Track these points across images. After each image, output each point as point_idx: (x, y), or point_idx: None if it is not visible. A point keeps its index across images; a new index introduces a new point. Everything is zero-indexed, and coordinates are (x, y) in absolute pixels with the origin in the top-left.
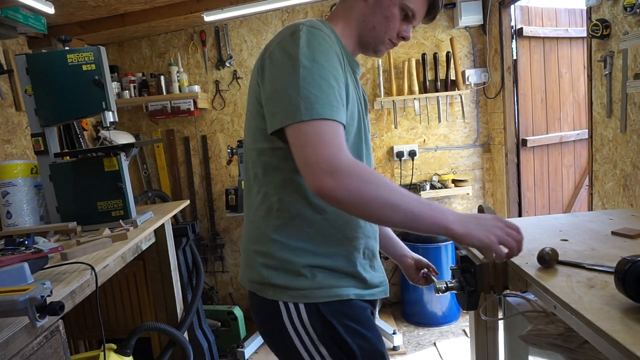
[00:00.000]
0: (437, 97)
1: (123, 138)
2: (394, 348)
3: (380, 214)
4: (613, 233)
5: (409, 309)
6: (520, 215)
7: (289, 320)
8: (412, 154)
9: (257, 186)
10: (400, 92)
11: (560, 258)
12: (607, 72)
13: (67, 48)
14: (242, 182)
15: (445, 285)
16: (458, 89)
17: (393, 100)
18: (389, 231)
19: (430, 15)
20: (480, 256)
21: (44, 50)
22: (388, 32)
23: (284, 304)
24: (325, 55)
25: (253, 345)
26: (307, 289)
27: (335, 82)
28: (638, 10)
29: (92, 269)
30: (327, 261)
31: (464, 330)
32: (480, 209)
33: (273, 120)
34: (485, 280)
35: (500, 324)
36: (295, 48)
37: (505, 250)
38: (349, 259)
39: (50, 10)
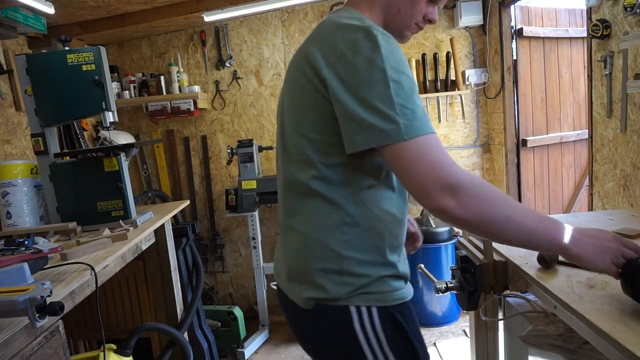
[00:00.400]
0: (437, 97)
1: (123, 138)
2: None
3: (499, 232)
4: None
5: None
6: None
7: (360, 325)
8: None
9: (316, 199)
10: None
11: (560, 258)
12: (607, 72)
13: (67, 48)
14: (281, 189)
15: (445, 286)
16: (458, 89)
17: None
18: None
19: None
20: (481, 256)
21: (44, 51)
22: (414, 15)
23: (355, 308)
24: (405, 63)
25: (253, 345)
26: (379, 292)
27: (417, 91)
28: (638, 11)
29: (92, 269)
30: (394, 270)
31: (464, 331)
32: None
33: (360, 138)
34: (485, 280)
35: (500, 324)
36: (379, 57)
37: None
38: (405, 263)
39: (50, 10)
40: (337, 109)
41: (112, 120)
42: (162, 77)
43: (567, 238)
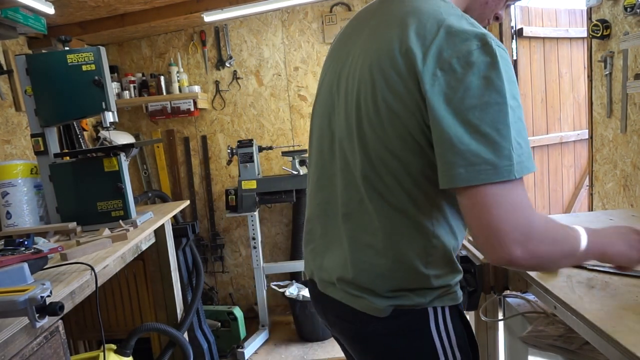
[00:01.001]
0: None
1: (123, 138)
2: None
3: (558, 267)
4: None
5: None
6: None
7: (435, 325)
8: None
9: (396, 217)
10: None
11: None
12: (607, 72)
13: (67, 48)
14: (350, 203)
15: None
16: None
17: None
18: None
19: None
20: (481, 256)
21: (44, 51)
22: (496, 8)
23: (433, 309)
24: (517, 87)
25: (253, 345)
26: (453, 292)
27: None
28: (638, 11)
29: (92, 269)
30: (460, 276)
31: None
32: None
33: (464, 172)
34: (486, 280)
35: (500, 324)
36: (499, 79)
37: None
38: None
39: (50, 10)
40: (435, 133)
41: (112, 120)
42: (162, 77)
43: (607, 248)
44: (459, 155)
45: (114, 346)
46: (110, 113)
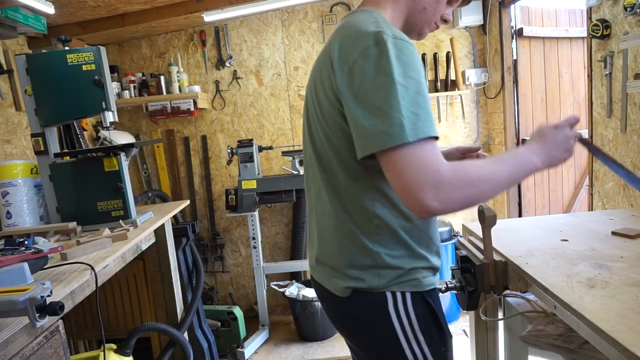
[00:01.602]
0: (437, 97)
1: (123, 138)
2: None
3: (486, 199)
4: (613, 233)
5: None
6: (520, 215)
7: (394, 309)
8: None
9: (342, 200)
10: None
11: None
12: (607, 72)
13: (67, 48)
14: (310, 191)
15: (445, 286)
16: (458, 89)
17: None
18: None
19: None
20: (481, 256)
21: (44, 50)
22: (436, 13)
23: (391, 294)
24: (413, 65)
25: (253, 345)
26: (414, 279)
27: (426, 95)
28: (638, 10)
29: (92, 269)
30: (424, 263)
31: (464, 330)
32: (480, 209)
33: (367, 142)
34: (485, 280)
35: (500, 324)
36: (387, 64)
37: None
38: (437, 255)
39: (50, 10)
40: (347, 117)
41: (112, 120)
42: (162, 77)
43: (537, 163)
44: (362, 129)
45: (114, 346)
46: (110, 113)
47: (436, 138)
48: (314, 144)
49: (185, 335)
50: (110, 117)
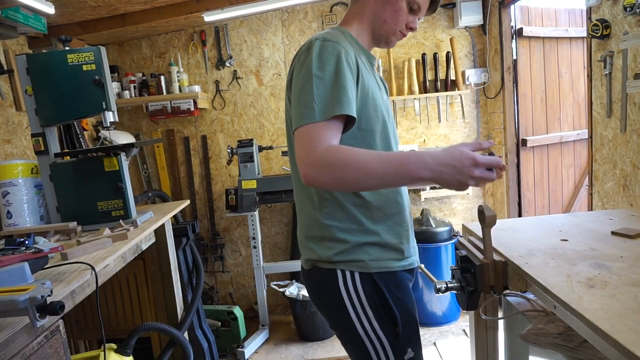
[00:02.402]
0: (437, 97)
1: (123, 138)
2: None
3: (360, 187)
4: (613, 233)
5: None
6: (520, 215)
7: (344, 284)
8: None
9: (300, 179)
10: (400, 92)
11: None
12: (607, 72)
13: (67, 48)
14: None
15: (445, 285)
16: (458, 89)
17: (393, 100)
18: None
19: (432, 7)
20: (481, 256)
21: (44, 50)
22: (398, 24)
23: (341, 271)
24: (332, 63)
25: (253, 345)
26: (361, 260)
27: (344, 83)
28: (638, 10)
29: (92, 268)
30: (376, 238)
31: (464, 330)
32: (480, 209)
33: (293, 124)
34: (485, 280)
35: (500, 323)
36: (309, 62)
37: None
38: (394, 234)
39: (50, 10)
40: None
41: (112, 120)
42: (162, 77)
43: (423, 173)
44: (294, 115)
45: (114, 345)
46: (110, 113)
47: (348, 117)
48: (288, 132)
49: (186, 335)
50: (110, 117)
